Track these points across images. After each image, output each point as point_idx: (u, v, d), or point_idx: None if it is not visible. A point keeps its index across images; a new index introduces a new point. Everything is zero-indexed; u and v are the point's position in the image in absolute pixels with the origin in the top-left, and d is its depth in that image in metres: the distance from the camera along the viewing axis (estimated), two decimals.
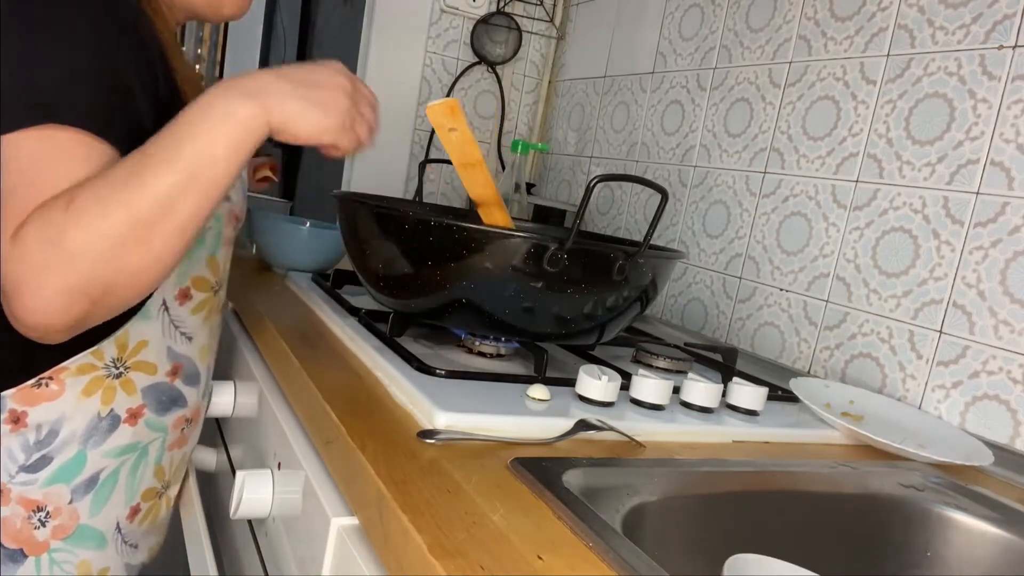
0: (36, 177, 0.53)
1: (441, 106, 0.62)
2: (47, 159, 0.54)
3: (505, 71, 1.79)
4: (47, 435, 0.66)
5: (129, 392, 0.71)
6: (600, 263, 0.73)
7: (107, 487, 0.71)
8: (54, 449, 0.67)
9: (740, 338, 1.16)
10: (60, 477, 0.68)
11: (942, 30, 0.92)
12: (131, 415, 0.71)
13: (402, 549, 0.45)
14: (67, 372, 0.66)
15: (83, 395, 0.67)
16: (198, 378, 0.78)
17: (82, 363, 0.67)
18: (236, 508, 0.69)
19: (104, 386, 0.69)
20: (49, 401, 0.66)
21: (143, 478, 0.75)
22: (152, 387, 0.73)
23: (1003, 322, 0.82)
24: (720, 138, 1.25)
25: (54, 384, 0.66)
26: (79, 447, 0.68)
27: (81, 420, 0.68)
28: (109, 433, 0.70)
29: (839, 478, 0.67)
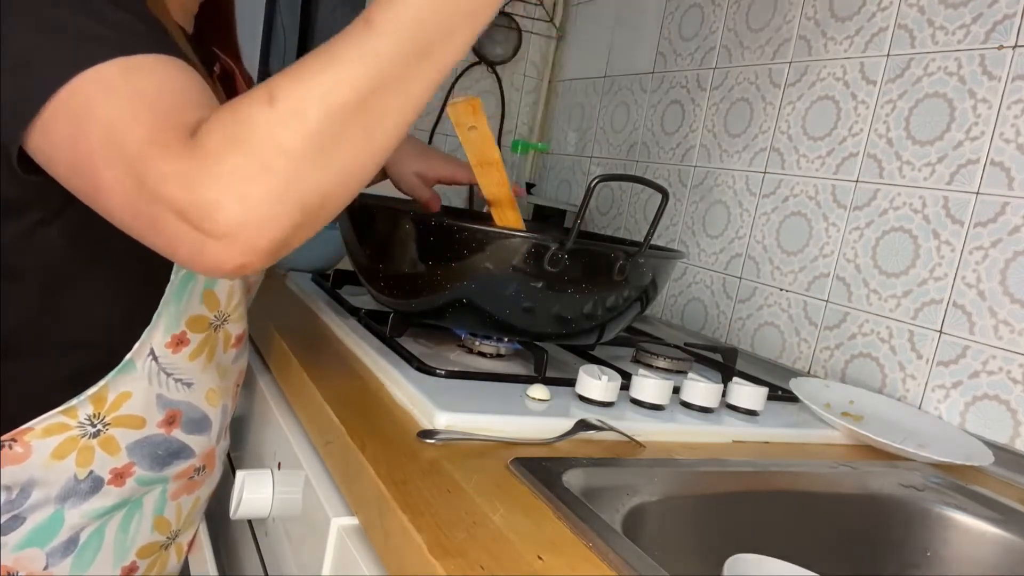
0: (156, 93, 0.46)
1: (463, 104, 0.62)
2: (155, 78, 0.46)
3: (505, 71, 1.79)
4: (18, 495, 0.59)
5: (111, 451, 0.62)
6: (600, 263, 0.73)
7: (90, 549, 0.63)
8: (27, 509, 0.59)
9: (740, 338, 1.16)
10: (33, 540, 0.60)
11: (942, 30, 0.92)
12: (117, 475, 0.62)
13: (402, 549, 0.45)
14: (32, 433, 0.58)
15: (53, 458, 0.59)
16: (207, 424, 0.69)
17: (50, 423, 0.58)
18: (236, 508, 0.69)
19: (79, 447, 0.60)
20: (14, 464, 0.58)
21: (137, 534, 0.66)
22: (141, 442, 0.63)
23: (1003, 322, 0.82)
24: (720, 138, 1.25)
25: (18, 447, 0.57)
26: (56, 507, 0.60)
27: (55, 484, 0.60)
28: (91, 494, 0.62)
29: (839, 478, 0.67)
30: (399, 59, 0.45)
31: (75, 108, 0.44)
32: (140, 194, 0.43)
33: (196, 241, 0.42)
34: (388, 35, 0.44)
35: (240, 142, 0.42)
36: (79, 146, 0.44)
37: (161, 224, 0.43)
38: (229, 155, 0.41)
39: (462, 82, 1.76)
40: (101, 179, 0.44)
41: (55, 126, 0.45)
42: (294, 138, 0.42)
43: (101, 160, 0.44)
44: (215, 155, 0.41)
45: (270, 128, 0.42)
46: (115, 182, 0.44)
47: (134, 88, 0.45)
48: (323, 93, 0.43)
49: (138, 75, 0.46)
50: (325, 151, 0.43)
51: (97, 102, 0.44)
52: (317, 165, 0.43)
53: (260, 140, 0.42)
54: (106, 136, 0.44)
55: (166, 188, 0.42)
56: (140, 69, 0.46)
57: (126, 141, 0.43)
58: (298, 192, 0.43)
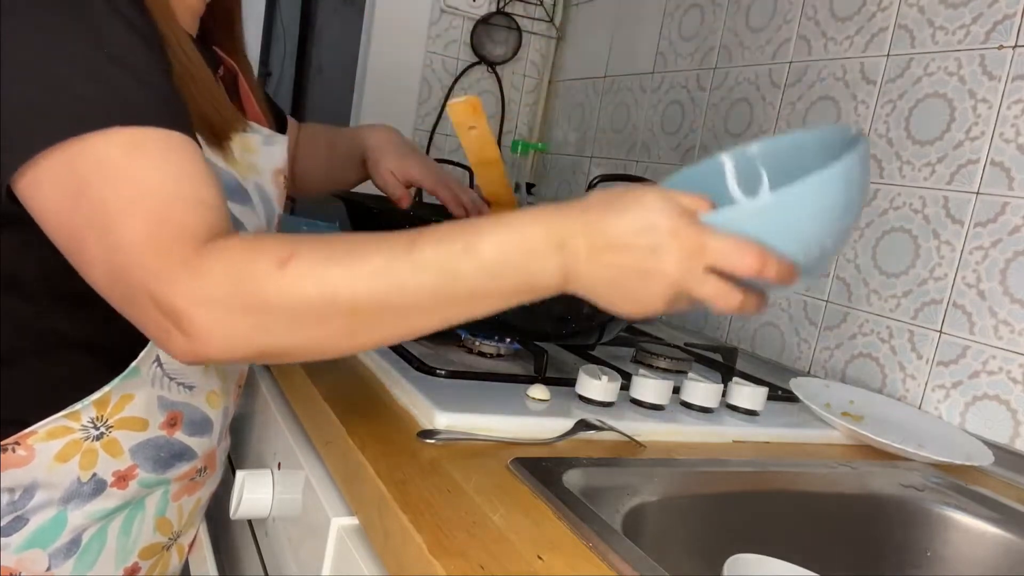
0: (159, 182, 0.46)
1: (463, 104, 0.62)
2: (156, 161, 0.47)
3: (505, 71, 1.79)
4: (21, 497, 0.58)
5: (114, 454, 0.61)
6: None
7: (92, 550, 0.62)
8: (30, 511, 0.59)
9: (740, 338, 1.16)
10: (36, 541, 0.59)
11: (942, 30, 0.92)
12: (120, 477, 0.62)
13: (402, 549, 0.45)
14: (35, 437, 0.57)
15: (57, 461, 0.59)
16: (208, 425, 0.68)
17: (54, 427, 0.58)
18: (236, 508, 0.69)
19: (83, 450, 0.59)
20: (17, 467, 0.58)
21: (140, 535, 0.66)
22: (144, 445, 0.63)
23: (1003, 322, 0.82)
24: (720, 138, 1.25)
25: (21, 450, 0.57)
26: (59, 508, 0.60)
27: (59, 486, 0.59)
28: (94, 496, 0.61)
29: (839, 478, 0.67)
30: (418, 296, 0.45)
31: (68, 176, 0.46)
32: (125, 277, 0.46)
33: (165, 330, 0.45)
34: (422, 273, 0.45)
35: (236, 282, 0.44)
36: (68, 214, 0.46)
37: (138, 304, 0.46)
38: (222, 287, 0.44)
39: (462, 82, 1.76)
40: (87, 250, 0.47)
41: (45, 185, 0.47)
42: (283, 303, 0.44)
43: (90, 236, 0.46)
44: (211, 280, 0.44)
45: (268, 286, 0.44)
46: (102, 259, 0.46)
47: (134, 171, 0.47)
48: (329, 282, 0.45)
49: (139, 155, 0.47)
50: (304, 325, 0.45)
51: (93, 178, 0.46)
52: (292, 331, 0.45)
53: (254, 291, 0.44)
54: (99, 217, 0.46)
55: (155, 284, 0.45)
56: (141, 148, 0.47)
57: (121, 229, 0.45)
58: (265, 342, 0.45)
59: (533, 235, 0.46)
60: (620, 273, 0.46)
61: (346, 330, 0.46)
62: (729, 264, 0.44)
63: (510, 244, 0.46)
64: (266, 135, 0.70)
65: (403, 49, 1.68)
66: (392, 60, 1.67)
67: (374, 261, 0.45)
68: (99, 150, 0.46)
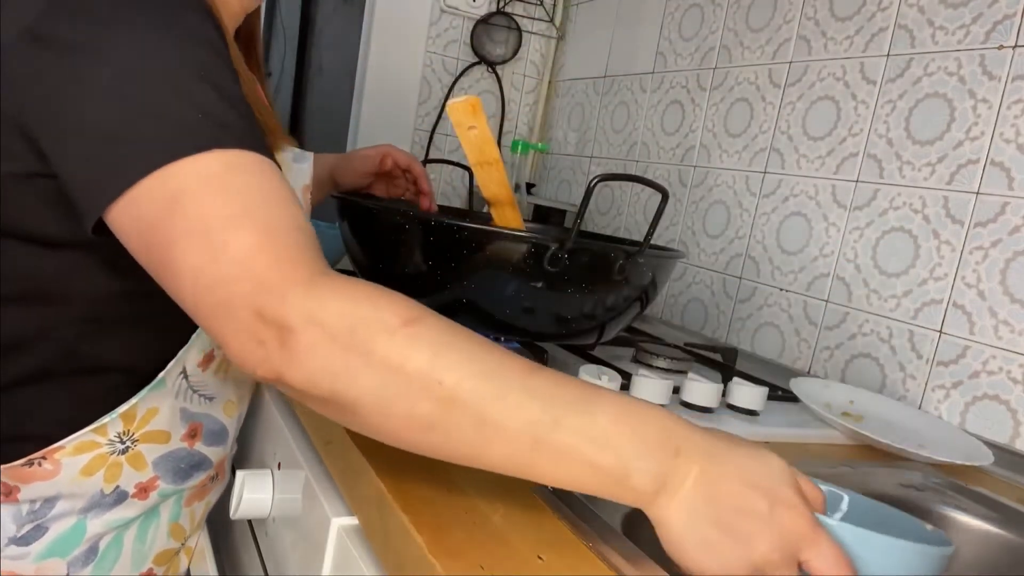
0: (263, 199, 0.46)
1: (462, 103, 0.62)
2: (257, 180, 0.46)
3: (505, 71, 1.79)
4: (41, 506, 0.59)
5: (138, 467, 0.62)
6: (600, 263, 0.73)
7: (109, 557, 0.63)
8: (50, 519, 0.59)
9: (740, 338, 1.16)
10: (56, 550, 0.60)
11: (942, 30, 0.92)
12: (141, 489, 0.63)
13: (402, 549, 0.45)
14: (62, 452, 0.58)
15: (82, 475, 0.59)
16: (225, 435, 0.70)
17: (81, 441, 0.58)
18: (236, 508, 0.69)
19: (108, 464, 0.60)
20: (43, 480, 0.58)
21: (155, 541, 0.67)
22: (166, 456, 0.64)
23: (1003, 322, 0.82)
24: (720, 138, 1.25)
25: (47, 464, 0.58)
26: (78, 517, 0.61)
27: (81, 497, 0.60)
28: (114, 506, 0.62)
29: (839, 478, 0.67)
30: (513, 421, 0.41)
31: (165, 193, 0.45)
32: (224, 288, 0.43)
33: (260, 341, 0.43)
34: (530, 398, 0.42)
35: (354, 320, 0.42)
36: (161, 225, 0.45)
37: (231, 315, 0.43)
38: (339, 320, 0.42)
39: (462, 82, 1.76)
40: (177, 260, 0.45)
41: (140, 205, 0.45)
42: (387, 359, 0.41)
43: (186, 246, 0.44)
44: (328, 309, 0.42)
45: (382, 336, 0.42)
46: (195, 270, 0.44)
47: (238, 186, 0.46)
48: (442, 359, 0.42)
49: (239, 173, 0.46)
50: (393, 392, 0.42)
51: (195, 191, 0.45)
52: (378, 391, 0.42)
53: (366, 336, 0.42)
54: (200, 228, 0.44)
55: (265, 296, 0.42)
56: (239, 168, 0.46)
57: (228, 240, 0.44)
58: (345, 390, 0.42)
59: (654, 424, 0.43)
60: (716, 512, 0.41)
61: (426, 420, 0.42)
62: (825, 567, 0.41)
63: (627, 423, 0.42)
64: (296, 153, 0.71)
65: (403, 49, 1.68)
66: (392, 60, 1.67)
67: (491, 361, 0.43)
68: (200, 167, 0.45)
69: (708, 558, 0.41)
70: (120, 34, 0.47)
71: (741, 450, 0.44)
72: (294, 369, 0.42)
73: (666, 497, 0.42)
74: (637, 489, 0.42)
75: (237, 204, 0.45)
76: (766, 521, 0.41)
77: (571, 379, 0.45)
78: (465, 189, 1.71)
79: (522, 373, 0.43)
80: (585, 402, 0.43)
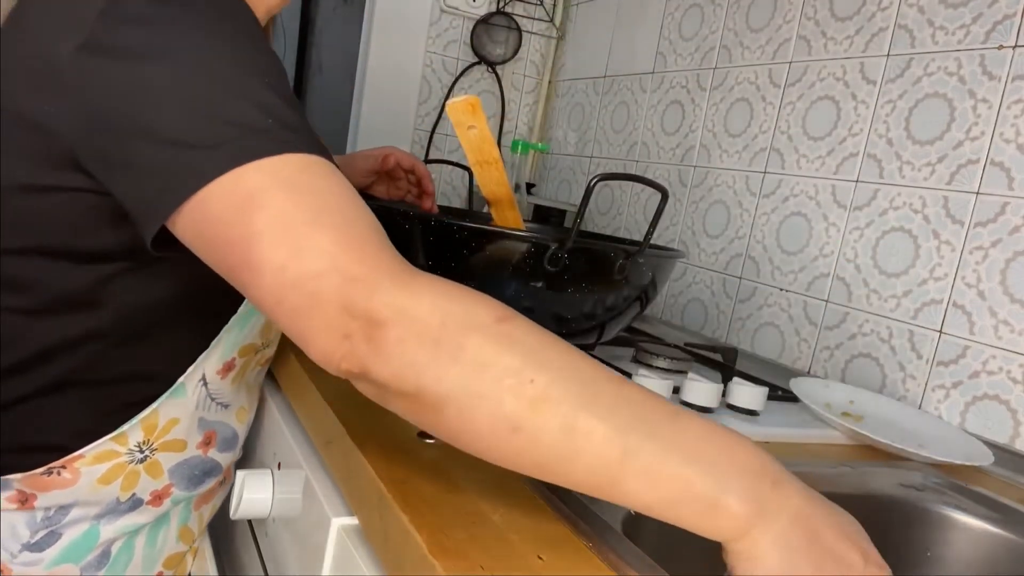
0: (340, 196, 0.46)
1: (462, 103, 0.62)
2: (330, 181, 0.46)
3: (505, 71, 1.79)
4: (56, 512, 0.59)
5: (155, 475, 0.63)
6: (600, 262, 0.73)
7: (121, 562, 0.64)
8: (64, 525, 0.60)
9: (740, 338, 1.16)
10: (69, 556, 0.60)
11: (942, 30, 0.92)
12: (156, 496, 0.64)
13: (402, 549, 0.45)
14: (82, 461, 0.58)
15: (100, 483, 0.60)
16: (236, 441, 0.71)
17: (101, 451, 0.59)
18: (236, 508, 0.69)
19: (126, 472, 0.61)
20: (61, 489, 0.58)
21: (165, 545, 0.67)
22: (181, 464, 0.65)
23: (1003, 322, 0.82)
24: (720, 138, 1.25)
25: (67, 472, 0.58)
26: (92, 523, 0.61)
27: (97, 504, 0.61)
28: (128, 512, 0.63)
29: (839, 478, 0.67)
30: (597, 426, 0.39)
31: (239, 193, 0.44)
32: (308, 284, 0.42)
33: (346, 334, 0.41)
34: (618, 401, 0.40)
35: (447, 315, 0.41)
36: (238, 226, 0.44)
37: (317, 312, 0.42)
38: (431, 315, 0.41)
39: (462, 82, 1.76)
40: (254, 260, 0.44)
41: (211, 206, 0.45)
42: (473, 349, 0.40)
43: (267, 244, 0.43)
44: (421, 303, 0.41)
45: (474, 328, 0.41)
46: (277, 267, 0.43)
47: (313, 185, 0.45)
48: (534, 351, 0.41)
49: (311, 174, 0.46)
50: (480, 387, 0.40)
51: (268, 189, 0.44)
52: (465, 386, 0.40)
53: (459, 331, 0.41)
54: (279, 224, 0.43)
55: (355, 288, 0.41)
56: (310, 170, 0.46)
57: (312, 235, 0.43)
58: (431, 384, 0.40)
59: (747, 451, 0.41)
60: (814, 555, 0.39)
61: (513, 420, 0.39)
62: None
63: (719, 444, 0.40)
64: None
65: (403, 49, 1.68)
66: (392, 60, 1.67)
67: (583, 366, 0.42)
68: (274, 168, 0.45)
69: None
70: (180, 39, 0.47)
71: (826, 501, 0.42)
72: (381, 362, 0.41)
73: (761, 528, 0.39)
74: (733, 515, 0.39)
75: (314, 203, 0.44)
76: (856, 566, 0.40)
77: (658, 395, 0.43)
78: (465, 189, 1.71)
79: (614, 382, 0.42)
80: (675, 416, 0.41)
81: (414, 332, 0.40)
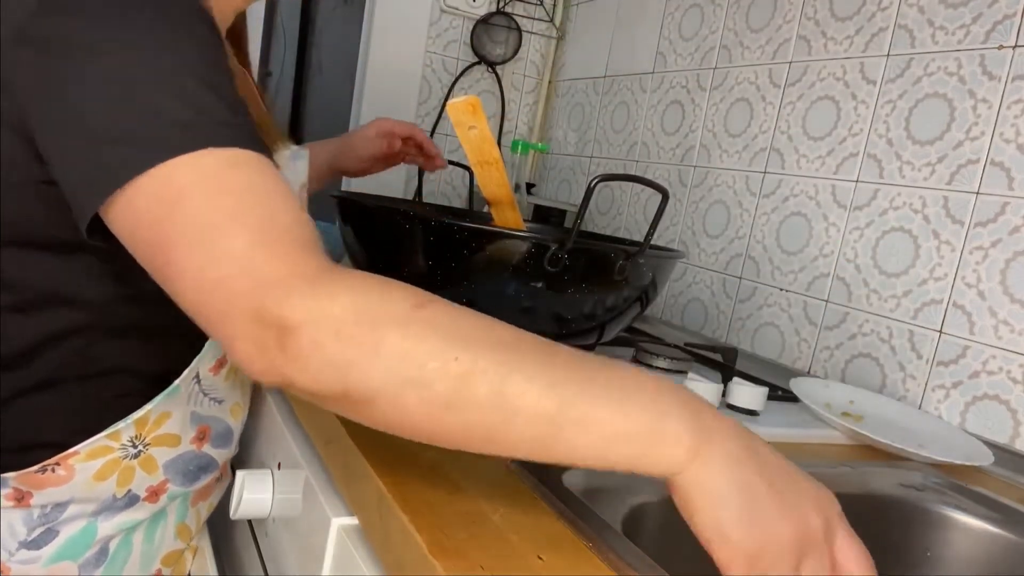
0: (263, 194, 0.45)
1: (463, 103, 0.62)
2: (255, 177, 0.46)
3: (505, 71, 1.79)
4: (52, 510, 0.59)
5: (150, 471, 0.63)
6: (600, 263, 0.73)
7: (119, 559, 0.63)
8: (61, 522, 0.60)
9: (740, 338, 1.16)
10: (67, 553, 0.60)
11: (942, 30, 0.92)
12: (152, 492, 0.64)
13: (402, 549, 0.45)
14: (76, 457, 0.58)
15: (95, 479, 0.60)
16: (231, 437, 0.71)
17: (95, 447, 0.59)
18: (236, 508, 0.69)
19: (121, 468, 0.61)
20: (56, 486, 0.58)
21: (163, 542, 0.67)
22: (176, 459, 0.65)
23: (1003, 322, 0.82)
24: (720, 138, 1.25)
25: (61, 469, 0.58)
26: (89, 520, 0.61)
27: (93, 501, 0.61)
28: (124, 509, 0.63)
29: (839, 478, 0.67)
30: (531, 389, 0.39)
31: (163, 191, 0.44)
32: (222, 290, 0.42)
33: (261, 346, 0.41)
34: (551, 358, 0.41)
35: (363, 311, 0.40)
36: (160, 226, 0.44)
37: (231, 319, 0.42)
38: (346, 312, 0.40)
39: (462, 82, 1.76)
40: (176, 263, 0.43)
41: (137, 205, 0.44)
42: (401, 345, 0.40)
43: (183, 249, 0.43)
44: (335, 302, 0.40)
45: (391, 320, 0.40)
46: (194, 272, 0.43)
47: (233, 184, 0.45)
48: (459, 335, 0.40)
49: (237, 171, 0.45)
50: (408, 376, 0.40)
51: (190, 190, 0.44)
52: (392, 379, 0.40)
53: (374, 318, 0.40)
54: (195, 228, 0.43)
55: (265, 294, 0.41)
56: (236, 165, 0.46)
57: (224, 239, 0.42)
58: (355, 378, 0.40)
59: (679, 390, 0.42)
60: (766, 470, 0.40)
61: (444, 399, 0.39)
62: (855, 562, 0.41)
63: (651, 383, 0.41)
64: (293, 151, 0.72)
65: (403, 49, 1.68)
66: (392, 60, 1.67)
67: (506, 336, 0.42)
68: (198, 165, 0.44)
69: (751, 520, 0.38)
70: (114, 33, 0.47)
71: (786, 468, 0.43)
72: (299, 370, 0.40)
73: (707, 454, 0.39)
74: (677, 439, 0.39)
75: (234, 203, 0.44)
76: (812, 495, 0.40)
77: (585, 352, 0.43)
78: (465, 189, 1.71)
79: (539, 343, 0.42)
80: (606, 367, 0.41)
81: (330, 333, 0.40)
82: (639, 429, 0.39)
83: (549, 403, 0.39)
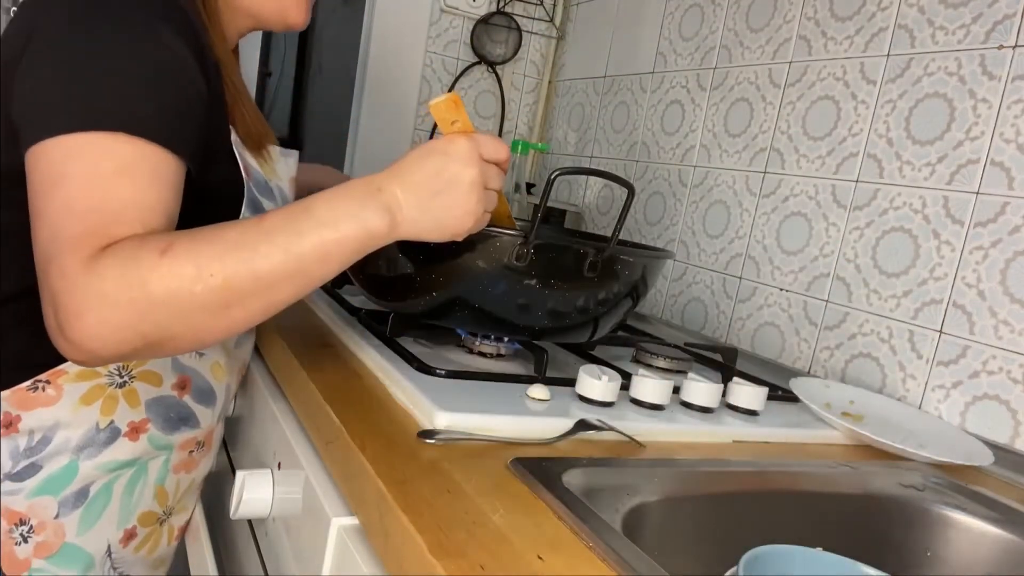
0: (102, 192, 0.51)
1: (444, 102, 0.63)
2: (114, 171, 0.52)
3: (505, 71, 1.79)
4: (39, 442, 0.62)
5: (132, 404, 0.66)
6: (568, 259, 0.72)
7: (98, 504, 0.66)
8: (44, 457, 0.63)
9: (740, 338, 1.16)
10: (48, 488, 0.63)
11: (942, 30, 0.92)
12: (133, 429, 0.67)
13: (402, 549, 0.45)
14: (65, 377, 0.62)
15: (81, 403, 0.63)
16: (212, 397, 0.74)
17: (83, 368, 0.63)
18: (236, 508, 0.69)
19: (105, 395, 0.65)
20: (45, 407, 0.62)
21: (141, 499, 0.70)
22: (157, 400, 0.68)
23: (1003, 322, 0.82)
24: (720, 138, 1.25)
25: (51, 389, 0.62)
26: (71, 456, 0.64)
27: (77, 428, 0.64)
28: (106, 446, 0.66)
29: (839, 478, 0.67)
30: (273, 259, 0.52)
31: (61, 163, 0.52)
32: (46, 268, 0.50)
33: (54, 329, 0.50)
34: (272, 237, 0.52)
35: (123, 273, 0.49)
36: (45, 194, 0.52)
37: (47, 308, 0.51)
38: (108, 281, 0.48)
39: (462, 82, 1.76)
40: (36, 228, 0.52)
41: (42, 161, 0.52)
42: (165, 288, 0.49)
43: (43, 218, 0.51)
44: (100, 275, 0.48)
45: (151, 274, 0.49)
46: (41, 240, 0.51)
47: (110, 184, 0.52)
48: (203, 258, 0.50)
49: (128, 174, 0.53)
50: (185, 307, 0.50)
51: (75, 177, 0.51)
52: (174, 315, 0.50)
53: (138, 281, 0.49)
54: (58, 209, 0.51)
55: (57, 282, 0.49)
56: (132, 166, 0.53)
57: (64, 225, 0.50)
58: (150, 331, 0.50)
59: (355, 187, 0.56)
60: (431, 195, 0.57)
61: (222, 306, 0.51)
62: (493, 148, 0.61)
63: (337, 198, 0.55)
64: (281, 149, 0.79)
65: (403, 49, 1.68)
66: (392, 60, 1.67)
67: (231, 235, 0.52)
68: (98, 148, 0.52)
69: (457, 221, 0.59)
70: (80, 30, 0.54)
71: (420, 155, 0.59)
72: (99, 347, 0.49)
73: (400, 216, 0.57)
74: (381, 229, 0.56)
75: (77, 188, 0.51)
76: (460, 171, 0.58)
77: (288, 207, 0.55)
78: None
79: (255, 225, 0.53)
80: (305, 208, 0.54)
81: (107, 308, 0.48)
82: (354, 236, 0.55)
83: (290, 261, 0.52)
